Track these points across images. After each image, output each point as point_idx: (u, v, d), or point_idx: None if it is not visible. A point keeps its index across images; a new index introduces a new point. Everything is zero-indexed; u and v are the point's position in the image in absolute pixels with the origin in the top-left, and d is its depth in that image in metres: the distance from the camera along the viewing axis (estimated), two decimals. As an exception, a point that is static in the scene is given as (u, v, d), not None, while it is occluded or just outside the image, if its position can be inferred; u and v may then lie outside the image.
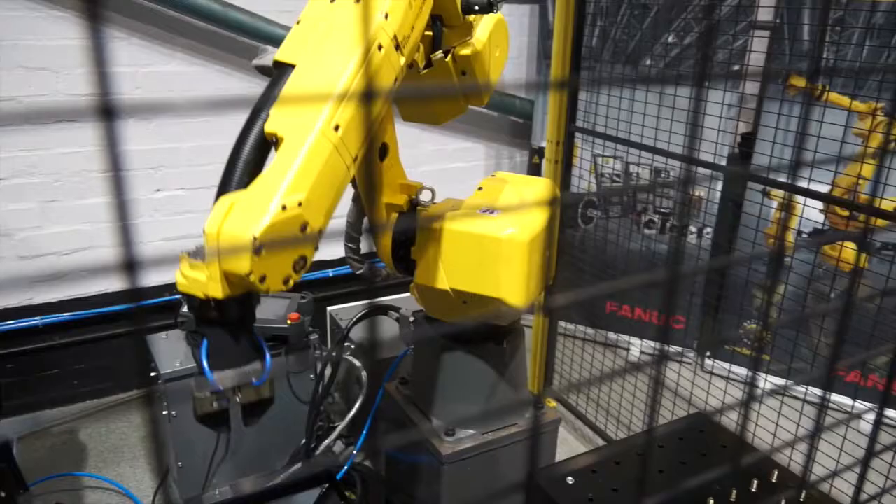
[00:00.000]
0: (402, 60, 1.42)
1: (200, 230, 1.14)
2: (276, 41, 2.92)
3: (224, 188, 1.23)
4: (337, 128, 1.25)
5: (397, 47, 1.39)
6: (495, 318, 1.89)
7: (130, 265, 0.34)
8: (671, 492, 1.28)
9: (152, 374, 2.35)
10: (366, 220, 2.00)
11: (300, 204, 1.16)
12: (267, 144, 1.27)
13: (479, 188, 1.94)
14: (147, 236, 3.06)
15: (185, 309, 2.34)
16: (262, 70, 1.49)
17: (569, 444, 2.91)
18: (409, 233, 1.80)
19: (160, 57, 2.91)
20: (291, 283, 1.18)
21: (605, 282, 3.15)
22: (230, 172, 1.24)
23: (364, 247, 1.99)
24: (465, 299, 1.77)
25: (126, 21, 2.81)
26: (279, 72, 1.35)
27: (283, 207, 1.13)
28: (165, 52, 2.91)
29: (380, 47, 1.35)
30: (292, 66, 1.34)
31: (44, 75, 2.71)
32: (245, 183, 1.21)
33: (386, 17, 1.38)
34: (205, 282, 1.13)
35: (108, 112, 0.31)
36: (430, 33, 1.68)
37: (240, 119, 1.30)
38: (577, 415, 3.04)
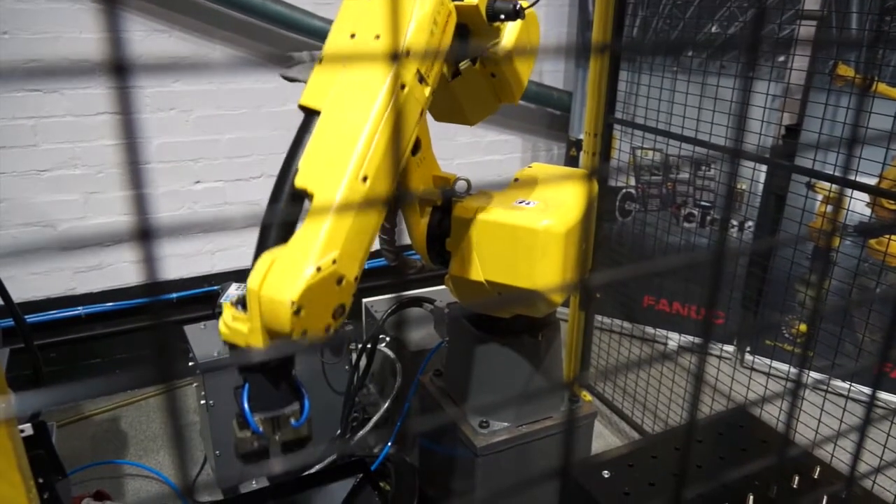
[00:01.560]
0: (427, 91, 1.40)
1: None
2: (315, 34, 2.98)
3: (263, 244, 1.25)
4: (365, 179, 1.25)
5: (421, 80, 1.37)
6: (530, 310, 1.87)
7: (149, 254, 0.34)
8: (710, 486, 1.25)
9: (190, 363, 2.39)
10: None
11: (334, 261, 1.18)
12: (300, 197, 1.29)
13: (516, 179, 1.92)
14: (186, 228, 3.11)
15: (223, 299, 2.38)
16: (291, 80, 1.51)
17: (605, 439, 2.88)
18: (445, 226, 1.79)
19: (200, 49, 2.95)
20: (332, 329, 1.21)
21: (643, 268, 3.10)
22: (268, 228, 1.26)
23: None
24: (499, 291, 1.75)
25: (167, 14, 2.86)
26: (306, 119, 1.35)
27: (318, 269, 1.15)
28: (206, 45, 2.95)
29: (402, 86, 1.33)
30: (318, 113, 1.34)
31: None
32: (283, 238, 1.22)
33: (407, 53, 1.37)
34: (247, 333, 1.17)
35: (121, 68, 0.31)
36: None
37: (277, 111, 1.31)
38: (613, 409, 3.00)
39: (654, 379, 2.77)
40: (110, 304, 3.06)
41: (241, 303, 1.19)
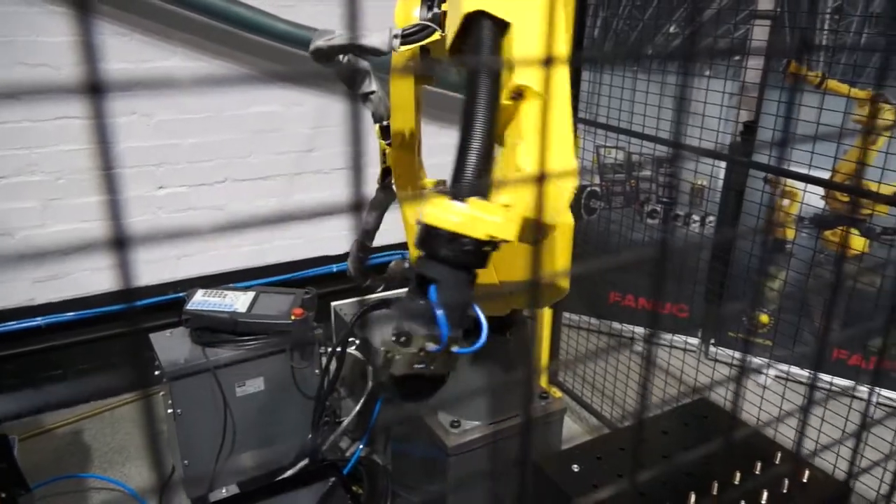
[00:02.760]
0: None
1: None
2: (280, 37, 2.96)
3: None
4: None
5: None
6: (536, 302, 1.90)
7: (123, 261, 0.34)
8: (669, 473, 1.28)
9: (156, 371, 2.36)
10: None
11: None
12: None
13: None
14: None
15: (190, 306, 2.35)
16: (321, 54, 1.49)
17: (576, 435, 2.91)
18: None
19: (161, 52, 2.91)
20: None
21: (605, 267, 3.14)
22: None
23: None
24: (510, 290, 1.78)
25: (127, 17, 2.81)
26: (490, 28, 1.17)
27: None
28: (167, 48, 2.91)
29: None
30: (502, 22, 1.18)
31: (44, 71, 2.71)
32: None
33: None
34: (499, 223, 1.03)
35: (95, 88, 0.31)
36: None
37: (241, 114, 1.29)
38: (583, 404, 3.04)
39: (622, 374, 2.82)
40: (70, 313, 3.00)
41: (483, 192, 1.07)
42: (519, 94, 1.17)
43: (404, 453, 2.32)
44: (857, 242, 2.87)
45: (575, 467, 1.49)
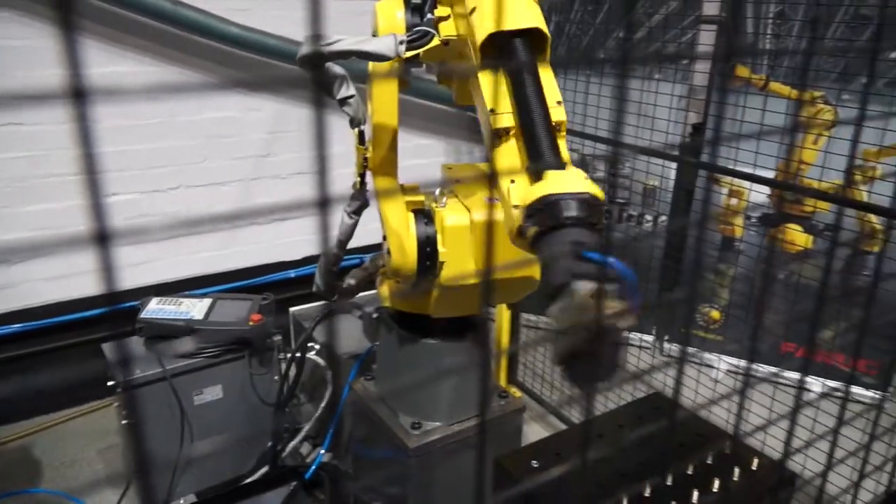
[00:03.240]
0: None
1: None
2: (231, 40, 2.93)
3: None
4: None
5: None
6: (515, 297, 1.93)
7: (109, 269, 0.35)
8: (622, 462, 1.32)
9: (110, 382, 2.31)
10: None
11: None
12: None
13: (457, 180, 1.95)
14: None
15: (144, 315, 2.31)
16: (317, 59, 1.51)
17: (536, 433, 2.95)
18: (431, 233, 1.79)
19: (111, 57, 2.85)
20: None
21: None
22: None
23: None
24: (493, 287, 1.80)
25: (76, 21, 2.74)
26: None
27: None
28: (116, 53, 2.86)
29: None
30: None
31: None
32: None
33: None
34: (595, 186, 1.08)
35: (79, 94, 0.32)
36: None
37: (195, 119, 1.29)
38: (541, 403, 3.08)
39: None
40: (17, 325, 2.91)
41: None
42: None
43: (366, 457, 2.32)
44: (801, 238, 2.98)
45: (534, 463, 1.51)
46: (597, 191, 1.07)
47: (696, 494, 1.39)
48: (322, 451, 2.41)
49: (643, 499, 1.39)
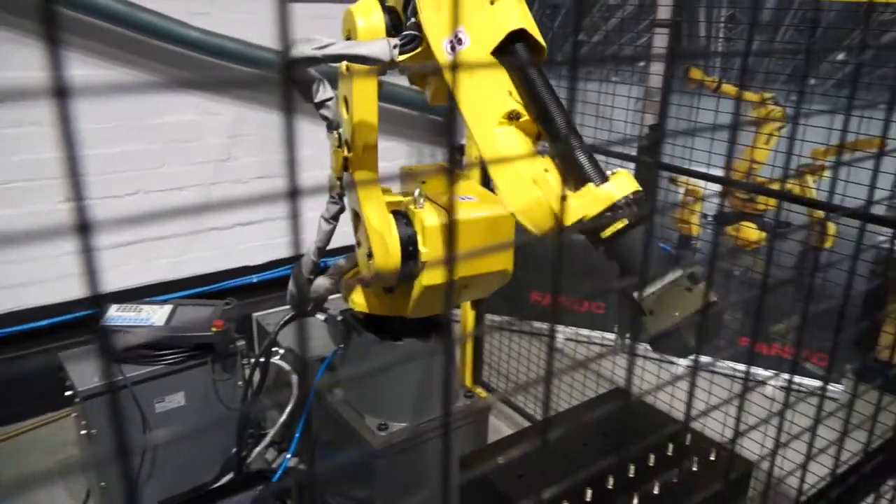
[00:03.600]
0: None
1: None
2: (190, 44, 2.90)
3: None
4: None
5: None
6: (488, 291, 2.01)
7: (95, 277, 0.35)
8: (587, 457, 1.34)
9: (68, 392, 2.26)
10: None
11: None
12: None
13: (423, 182, 1.96)
14: (52, 250, 2.92)
15: (103, 322, 2.27)
16: (303, 63, 1.56)
17: (502, 432, 2.98)
18: (411, 234, 1.82)
19: (66, 61, 2.79)
20: None
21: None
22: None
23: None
24: (467, 283, 1.86)
25: (19, 22, 2.68)
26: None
27: None
28: (72, 56, 2.80)
29: None
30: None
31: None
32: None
33: None
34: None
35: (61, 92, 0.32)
36: None
37: (155, 123, 1.28)
38: (506, 402, 3.11)
39: (543, 370, 2.90)
40: (-29, 336, 2.83)
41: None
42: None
43: (333, 460, 2.32)
44: (753, 235, 3.07)
45: (500, 459, 1.53)
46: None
47: (656, 485, 1.43)
48: (288, 456, 2.40)
49: (606, 490, 1.42)
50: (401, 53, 1.62)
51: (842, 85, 2.90)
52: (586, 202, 1.26)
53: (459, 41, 1.44)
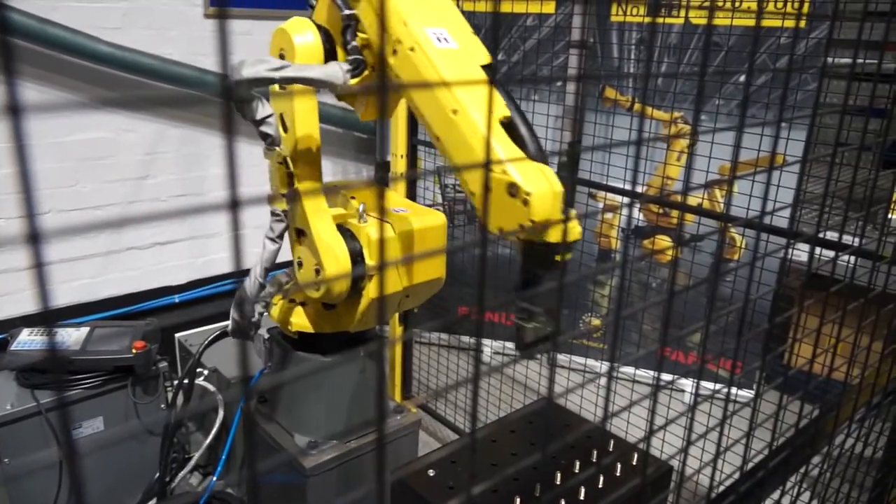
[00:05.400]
0: None
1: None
2: (102, 59, 2.81)
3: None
4: None
5: None
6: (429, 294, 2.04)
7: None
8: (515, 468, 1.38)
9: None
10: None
11: None
12: None
13: (352, 197, 1.96)
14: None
15: (14, 347, 2.16)
16: (254, 83, 1.57)
17: (431, 447, 3.00)
18: (358, 249, 1.84)
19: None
20: None
21: (459, 288, 3.27)
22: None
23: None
24: (408, 293, 1.91)
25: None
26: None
27: None
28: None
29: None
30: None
31: None
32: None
33: None
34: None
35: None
36: None
37: (64, 141, 1.25)
38: (436, 417, 3.14)
39: (471, 384, 2.95)
40: None
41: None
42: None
43: (261, 482, 2.28)
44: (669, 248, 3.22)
45: (431, 472, 1.55)
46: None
47: (581, 490, 1.49)
48: (214, 479, 2.34)
49: (534, 498, 1.46)
50: (352, 77, 1.66)
51: (747, 105, 3.10)
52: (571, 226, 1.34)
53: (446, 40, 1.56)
